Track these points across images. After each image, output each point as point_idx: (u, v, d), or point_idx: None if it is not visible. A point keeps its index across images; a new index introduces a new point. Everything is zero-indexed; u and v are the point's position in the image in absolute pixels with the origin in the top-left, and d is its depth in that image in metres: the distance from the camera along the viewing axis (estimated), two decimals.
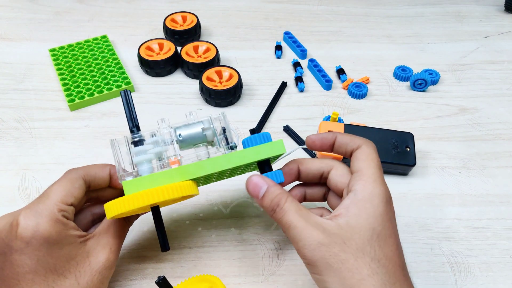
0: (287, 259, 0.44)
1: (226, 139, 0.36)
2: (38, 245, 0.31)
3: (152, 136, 0.35)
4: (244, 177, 0.38)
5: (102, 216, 0.39)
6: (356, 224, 0.30)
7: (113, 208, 0.31)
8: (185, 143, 0.36)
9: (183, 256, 0.44)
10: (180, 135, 0.35)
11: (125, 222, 0.37)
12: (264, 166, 0.36)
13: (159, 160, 0.34)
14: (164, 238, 0.34)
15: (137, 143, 0.35)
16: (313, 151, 0.52)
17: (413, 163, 0.50)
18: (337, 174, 0.36)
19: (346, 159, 0.49)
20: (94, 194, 0.38)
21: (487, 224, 0.48)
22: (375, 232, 0.30)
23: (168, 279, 0.42)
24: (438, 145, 0.56)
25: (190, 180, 0.34)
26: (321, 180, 0.38)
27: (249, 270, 0.43)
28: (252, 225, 0.47)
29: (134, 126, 0.35)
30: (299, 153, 0.55)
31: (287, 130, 0.57)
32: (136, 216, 0.39)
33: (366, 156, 0.34)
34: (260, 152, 0.35)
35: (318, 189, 0.40)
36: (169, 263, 0.44)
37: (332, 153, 0.40)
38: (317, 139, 0.37)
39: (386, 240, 0.30)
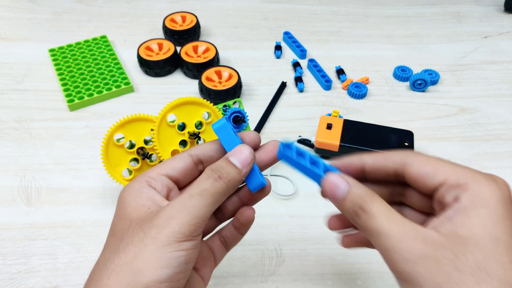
0: (287, 259, 0.44)
1: None
2: (117, 209, 0.28)
3: None
4: None
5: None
6: (469, 234, 0.22)
7: None
8: None
9: None
10: None
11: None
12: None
13: None
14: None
15: None
16: (312, 141, 0.52)
17: None
18: (419, 167, 0.26)
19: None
20: None
21: None
22: (500, 243, 0.21)
23: None
24: (438, 145, 0.56)
25: None
26: (396, 179, 0.28)
27: (249, 270, 0.43)
28: (252, 225, 0.47)
29: None
30: None
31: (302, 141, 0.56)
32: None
33: (427, 164, 0.26)
34: None
35: (383, 185, 0.29)
36: None
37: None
38: (340, 166, 0.29)
39: None
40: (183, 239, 0.24)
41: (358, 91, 0.62)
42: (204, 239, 0.33)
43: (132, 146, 0.45)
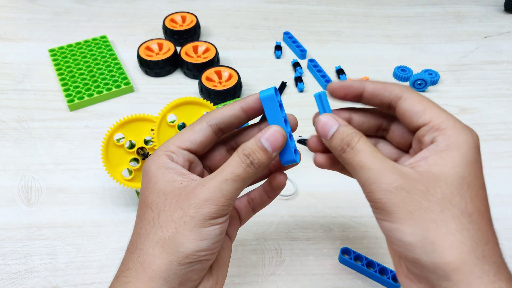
0: (286, 259, 0.44)
1: None
2: (146, 181, 0.29)
3: None
4: None
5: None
6: (440, 173, 0.25)
7: None
8: None
9: None
10: None
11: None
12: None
13: None
14: None
15: None
16: (305, 139, 0.52)
17: None
18: (411, 103, 0.28)
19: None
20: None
21: None
22: (464, 181, 0.25)
23: None
24: None
25: None
26: (387, 110, 0.30)
27: (249, 270, 0.43)
28: (252, 225, 0.47)
29: None
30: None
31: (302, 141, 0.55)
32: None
33: (419, 103, 0.28)
34: None
35: (372, 118, 0.32)
36: None
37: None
38: (340, 88, 0.31)
39: (477, 192, 0.25)
40: (218, 217, 0.27)
41: None
42: None
43: (132, 146, 0.45)
